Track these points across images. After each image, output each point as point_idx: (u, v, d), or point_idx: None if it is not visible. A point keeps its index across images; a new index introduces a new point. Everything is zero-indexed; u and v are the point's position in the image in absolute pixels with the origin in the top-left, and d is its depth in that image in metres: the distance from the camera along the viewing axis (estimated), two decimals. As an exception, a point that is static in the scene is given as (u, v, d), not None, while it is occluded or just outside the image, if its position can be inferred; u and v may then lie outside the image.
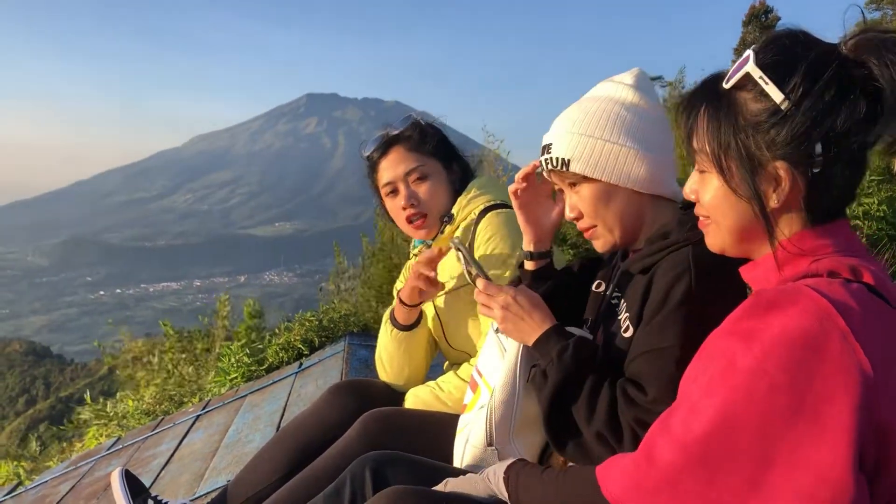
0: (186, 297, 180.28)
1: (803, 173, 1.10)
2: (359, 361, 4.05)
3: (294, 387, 4.05)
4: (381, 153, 2.34)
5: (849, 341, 0.94)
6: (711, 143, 1.16)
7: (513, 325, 1.56)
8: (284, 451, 2.23)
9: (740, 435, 0.96)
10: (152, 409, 5.86)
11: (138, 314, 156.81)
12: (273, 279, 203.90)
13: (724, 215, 1.19)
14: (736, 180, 1.15)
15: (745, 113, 1.12)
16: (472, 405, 1.73)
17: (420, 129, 2.34)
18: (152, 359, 6.74)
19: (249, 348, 5.10)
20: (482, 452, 1.62)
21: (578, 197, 1.60)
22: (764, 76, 1.09)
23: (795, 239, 1.14)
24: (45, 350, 65.58)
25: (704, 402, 1.00)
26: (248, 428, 3.66)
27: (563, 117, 1.62)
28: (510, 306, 1.56)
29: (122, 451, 4.39)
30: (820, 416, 0.93)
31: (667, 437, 1.05)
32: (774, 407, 0.94)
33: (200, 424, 4.19)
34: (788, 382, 0.94)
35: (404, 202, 2.28)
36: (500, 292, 1.58)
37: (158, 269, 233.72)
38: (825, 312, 0.96)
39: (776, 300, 1.00)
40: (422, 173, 2.29)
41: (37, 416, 42.13)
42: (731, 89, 1.15)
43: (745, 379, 0.97)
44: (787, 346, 0.95)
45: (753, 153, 1.11)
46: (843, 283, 1.02)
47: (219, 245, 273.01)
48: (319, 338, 4.89)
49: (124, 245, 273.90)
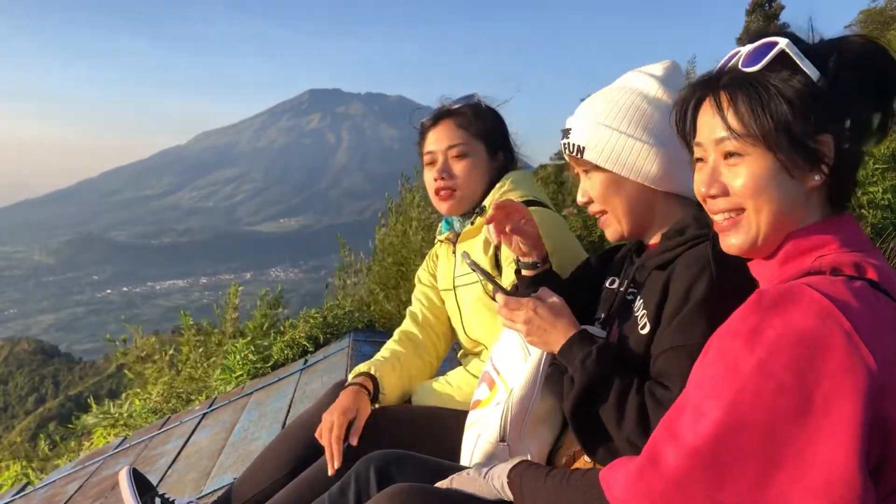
0: (193, 294, 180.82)
1: (838, 148, 1.11)
2: (363, 358, 4.03)
3: (299, 384, 4.06)
4: (432, 124, 2.32)
5: (853, 339, 0.93)
6: (760, 122, 1.13)
7: (538, 337, 1.56)
8: (289, 449, 2.23)
9: (748, 436, 0.96)
10: (160, 407, 5.89)
11: (145, 312, 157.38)
12: (279, 275, 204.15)
13: (767, 200, 1.15)
14: (786, 157, 1.13)
15: (784, 91, 1.12)
16: (488, 402, 1.72)
17: (474, 109, 2.31)
18: (163, 356, 6.75)
19: (255, 346, 5.11)
20: (494, 448, 1.62)
21: (591, 183, 1.62)
22: (801, 53, 1.11)
23: (799, 234, 1.15)
24: (53, 349, 65.95)
25: (709, 403, 1.00)
26: (253, 426, 3.67)
27: (587, 103, 1.63)
28: (532, 319, 1.55)
29: (129, 449, 4.41)
30: (828, 415, 0.92)
31: (672, 441, 1.04)
32: (781, 407, 0.94)
33: (207, 422, 4.20)
34: (794, 382, 0.94)
35: (436, 174, 2.27)
36: (520, 307, 1.57)
37: (164, 267, 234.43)
38: (827, 311, 0.95)
39: (778, 300, 1.00)
40: (461, 151, 2.26)
41: (46, 415, 42.41)
42: (761, 72, 1.14)
43: (750, 380, 0.96)
44: (792, 346, 0.95)
45: (798, 129, 1.11)
46: (845, 281, 1.02)
47: (224, 242, 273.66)
48: (324, 335, 4.91)
49: (130, 243, 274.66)
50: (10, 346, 62.76)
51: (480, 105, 2.33)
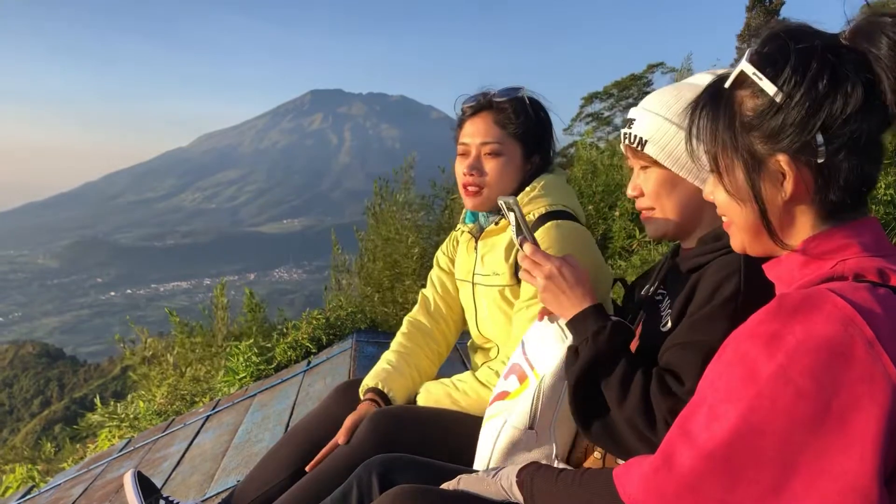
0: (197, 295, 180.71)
1: (807, 164, 1.09)
2: (366, 358, 4.06)
3: (303, 385, 4.06)
4: (472, 114, 2.23)
5: (874, 348, 0.92)
6: (710, 143, 1.16)
7: (552, 296, 1.56)
8: (293, 451, 2.23)
9: (764, 442, 0.95)
10: (164, 409, 5.90)
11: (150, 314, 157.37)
12: (282, 276, 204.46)
13: (737, 215, 1.19)
14: (733, 180, 1.15)
15: (743, 110, 1.12)
16: (518, 393, 1.69)
17: (516, 106, 2.21)
18: (168, 357, 6.76)
19: (258, 347, 5.12)
20: (521, 434, 1.61)
21: (645, 177, 1.62)
22: (757, 72, 1.09)
23: (822, 236, 1.13)
24: (58, 352, 66.01)
25: (726, 406, 0.99)
26: (257, 427, 3.68)
27: (655, 96, 1.62)
28: (554, 277, 1.55)
29: (133, 452, 4.42)
30: (846, 425, 0.91)
31: (687, 443, 1.03)
32: (799, 414, 0.93)
33: (210, 424, 4.21)
34: (813, 390, 0.93)
35: (466, 169, 2.21)
36: (546, 261, 1.57)
37: (168, 269, 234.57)
38: (850, 318, 0.94)
39: (800, 305, 0.98)
40: (495, 150, 2.19)
41: (52, 418, 42.43)
42: (731, 89, 1.15)
43: (768, 385, 0.95)
44: (812, 352, 0.94)
45: (754, 150, 1.11)
46: (868, 288, 1.00)
47: (228, 243, 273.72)
48: (327, 335, 4.92)
49: (134, 245, 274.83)
50: (14, 349, 62.81)
51: (524, 101, 2.22)
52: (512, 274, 2.17)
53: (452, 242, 2.53)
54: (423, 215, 6.01)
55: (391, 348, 2.44)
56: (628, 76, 32.63)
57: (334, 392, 2.36)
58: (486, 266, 2.25)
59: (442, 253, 2.55)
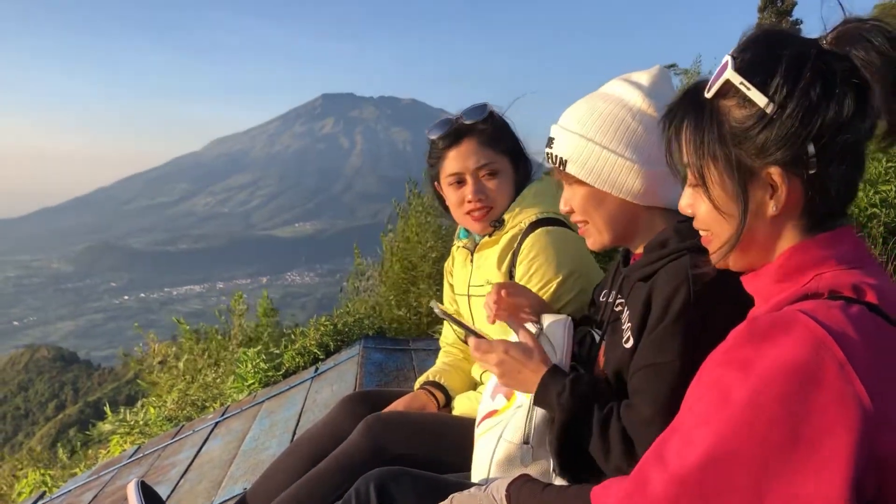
0: (210, 299, 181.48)
1: (799, 176, 1.07)
2: (373, 365, 4.07)
3: (310, 392, 4.07)
4: (452, 143, 2.23)
5: (846, 372, 0.91)
6: (694, 154, 1.13)
7: (512, 378, 1.58)
8: (297, 462, 2.24)
9: (736, 468, 0.95)
10: (175, 415, 5.92)
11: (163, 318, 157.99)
12: (295, 279, 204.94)
13: (722, 229, 1.16)
14: (721, 194, 1.12)
15: (729, 121, 1.09)
16: (505, 409, 1.70)
17: (495, 124, 2.25)
18: (177, 363, 6.78)
19: (266, 353, 5.13)
20: (517, 449, 1.61)
21: (572, 193, 1.63)
22: (745, 81, 1.06)
23: (798, 249, 1.11)
24: (72, 356, 66.48)
25: (699, 432, 0.98)
26: (264, 435, 3.69)
27: (571, 113, 1.61)
28: (505, 361, 1.56)
29: (142, 459, 4.44)
30: (817, 450, 0.91)
31: (660, 467, 1.02)
32: (771, 441, 0.92)
33: (219, 432, 4.23)
34: (785, 416, 0.92)
35: (472, 196, 2.21)
36: (491, 349, 1.58)
37: (181, 273, 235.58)
38: (821, 342, 0.93)
39: (770, 329, 0.98)
40: (492, 170, 2.21)
41: (66, 421, 42.72)
42: (714, 98, 1.11)
43: (740, 411, 0.95)
44: (783, 377, 0.93)
45: (744, 162, 1.08)
46: (841, 308, 0.98)
47: (240, 247, 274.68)
48: (335, 342, 4.92)
49: (147, 250, 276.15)
50: (30, 353, 63.27)
51: (496, 117, 2.27)
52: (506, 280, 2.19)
53: (450, 262, 2.55)
54: (437, 218, 6.03)
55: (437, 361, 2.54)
56: (639, 78, 32.53)
57: (340, 404, 2.37)
58: (480, 277, 2.27)
59: (447, 285, 2.58)
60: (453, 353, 2.53)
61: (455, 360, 2.49)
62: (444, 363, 2.47)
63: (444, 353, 2.55)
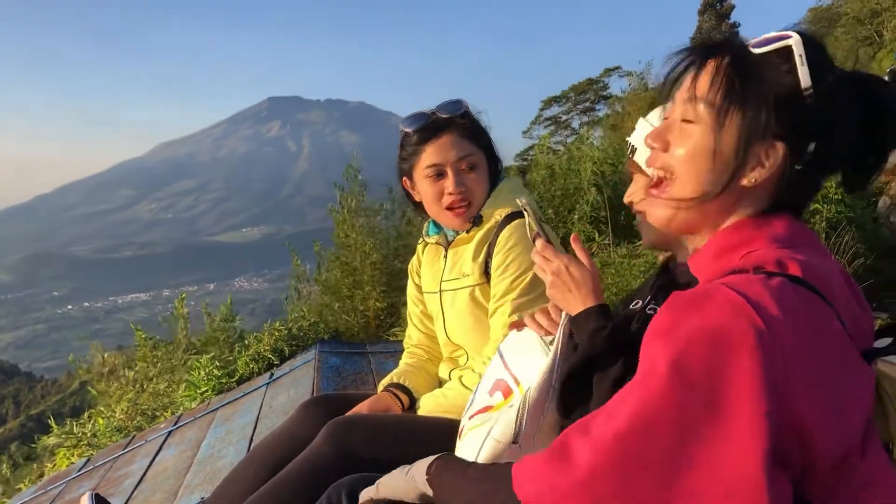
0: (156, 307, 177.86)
1: (788, 164, 1.10)
2: (330, 370, 4.03)
3: (265, 398, 4.02)
4: (430, 136, 2.22)
5: (764, 340, 0.92)
6: (726, 95, 1.12)
7: (559, 292, 1.56)
8: (257, 470, 2.18)
9: (655, 434, 0.95)
10: (124, 425, 5.79)
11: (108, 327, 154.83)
12: (243, 285, 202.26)
13: (695, 175, 1.15)
14: (727, 140, 1.11)
15: (770, 82, 1.10)
16: (501, 406, 1.66)
17: (472, 119, 2.26)
18: (127, 372, 6.63)
19: (220, 360, 5.05)
20: (505, 448, 1.57)
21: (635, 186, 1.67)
22: (803, 55, 1.08)
23: (734, 227, 1.14)
24: (13, 368, 64.62)
25: (623, 402, 1.00)
26: (220, 442, 3.63)
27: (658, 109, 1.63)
28: (561, 274, 1.56)
29: (93, 471, 4.33)
30: (735, 414, 0.91)
31: (583, 436, 1.02)
32: (688, 404, 0.93)
33: (172, 440, 4.14)
34: (703, 381, 0.93)
35: (452, 188, 2.20)
36: (555, 258, 1.58)
37: (126, 281, 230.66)
38: (742, 310, 0.94)
39: (693, 299, 0.99)
40: (471, 163, 2.22)
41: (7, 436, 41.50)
42: (761, 55, 1.12)
43: (660, 378, 0.95)
44: (701, 343, 0.94)
45: (762, 122, 1.09)
46: (762, 280, 0.99)
47: (186, 253, 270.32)
48: (290, 347, 4.87)
49: (90, 258, 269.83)
50: (-32, 367, 61.29)
51: (472, 113, 2.28)
52: (482, 273, 2.19)
53: (416, 262, 2.53)
54: (379, 220, 5.99)
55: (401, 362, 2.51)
56: (585, 80, 32.96)
57: (300, 409, 2.32)
58: (454, 271, 2.27)
59: (411, 286, 2.56)
60: (417, 353, 2.51)
61: (419, 361, 2.47)
62: (407, 364, 2.45)
63: (407, 355, 2.53)
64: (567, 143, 11.68)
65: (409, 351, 2.55)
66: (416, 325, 2.55)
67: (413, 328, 2.57)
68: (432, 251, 2.42)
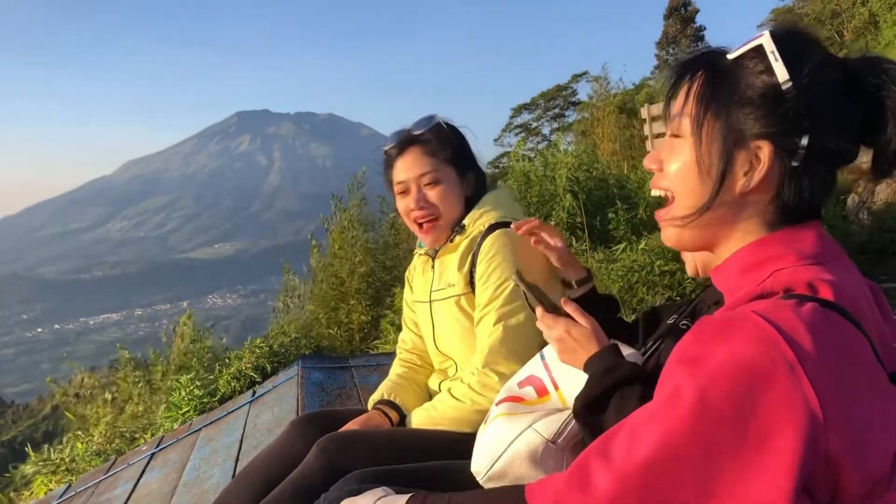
0: (128, 327, 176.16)
1: (782, 162, 1.07)
2: (314, 385, 4.00)
3: (249, 416, 3.98)
4: (399, 152, 2.29)
5: (795, 372, 0.89)
6: (698, 106, 1.11)
7: (569, 356, 1.57)
8: (249, 490, 2.15)
9: (682, 466, 0.93)
10: (104, 449, 5.70)
11: (80, 349, 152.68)
12: (216, 302, 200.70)
13: (689, 190, 1.14)
14: (708, 149, 1.11)
15: (743, 85, 1.09)
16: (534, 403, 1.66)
17: (439, 133, 2.28)
18: (105, 395, 6.55)
19: (200, 380, 5.00)
20: (543, 445, 1.57)
21: None
22: (776, 51, 1.06)
23: (759, 244, 1.11)
24: (-18, 394, 63.34)
25: (646, 429, 0.97)
26: (205, 463, 3.59)
27: None
28: (565, 340, 1.57)
29: (74, 497, 4.25)
30: (763, 449, 0.89)
31: (604, 463, 1.00)
32: (717, 439, 0.91)
33: (156, 463, 4.08)
34: (732, 414, 0.91)
35: (413, 204, 2.26)
36: (555, 325, 1.59)
37: (97, 301, 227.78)
38: (771, 341, 0.91)
39: (722, 328, 0.97)
40: (433, 178, 2.24)
41: (-21, 464, 40.65)
42: (735, 60, 1.11)
43: (688, 408, 0.93)
44: (732, 375, 0.92)
45: (740, 126, 1.08)
46: (792, 306, 0.96)
47: (158, 272, 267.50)
48: (271, 364, 4.83)
49: (59, 279, 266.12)
50: (-64, 394, 60.05)
51: (443, 127, 2.31)
52: (466, 282, 2.20)
53: (411, 270, 2.55)
54: (365, 232, 5.99)
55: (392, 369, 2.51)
56: (554, 87, 33.19)
57: (290, 427, 2.30)
58: (441, 281, 2.28)
59: (408, 291, 2.57)
60: (410, 360, 2.51)
61: (409, 371, 2.47)
62: (397, 377, 2.43)
63: (398, 363, 2.52)
64: (540, 150, 11.76)
65: (402, 358, 2.54)
66: (410, 329, 2.56)
67: (407, 331, 2.57)
68: (423, 261, 2.44)
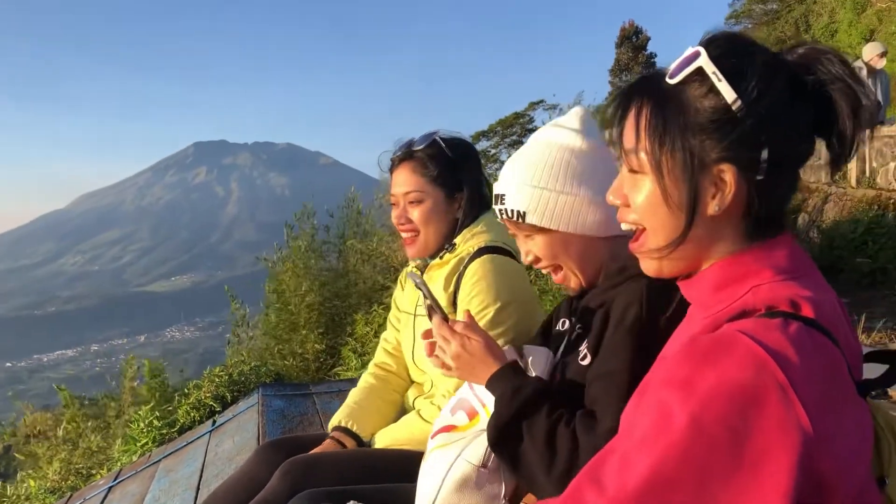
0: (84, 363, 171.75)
1: (747, 179, 1.06)
2: (275, 413, 3.97)
3: (210, 446, 3.93)
4: (394, 166, 2.34)
5: (787, 395, 0.90)
6: (652, 140, 1.09)
7: (466, 373, 1.59)
8: None
9: (676, 492, 0.92)
10: (58, 486, 5.57)
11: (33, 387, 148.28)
12: (175, 335, 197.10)
13: (661, 224, 1.13)
14: (672, 183, 1.09)
15: (692, 110, 1.07)
16: (466, 428, 1.69)
17: (430, 153, 2.27)
18: (57, 432, 6.40)
19: (159, 411, 4.93)
20: (474, 471, 1.59)
21: (535, 244, 1.67)
22: (717, 72, 1.05)
23: (733, 259, 1.11)
24: (-70, 436, 61.16)
25: (638, 455, 0.96)
26: (165, 495, 3.53)
27: (514, 167, 1.66)
28: (461, 356, 1.58)
29: (29, 535, 4.15)
30: (757, 473, 0.89)
31: (596, 490, 0.99)
32: (710, 463, 0.91)
33: (113, 497, 4.01)
34: (725, 438, 0.90)
35: (395, 219, 2.33)
36: (451, 338, 1.60)
37: (51, 338, 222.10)
38: (762, 364, 0.92)
39: (712, 349, 0.96)
40: (416, 198, 2.26)
41: (-73, 509, 39.13)
42: (677, 86, 1.09)
43: (680, 434, 0.92)
44: (724, 400, 0.91)
45: (698, 153, 1.06)
46: (780, 327, 0.96)
47: (114, 306, 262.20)
48: (231, 392, 4.79)
49: (11, 315, 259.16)
50: None
51: (439, 146, 2.29)
52: (450, 303, 2.22)
53: (401, 280, 2.60)
54: (313, 262, 5.96)
55: (357, 386, 2.51)
56: (511, 114, 33.47)
57: (255, 454, 2.31)
58: None
59: (393, 306, 2.62)
60: (386, 365, 2.54)
61: (379, 382, 2.48)
62: (355, 402, 2.43)
63: (369, 374, 2.53)
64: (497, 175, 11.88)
65: (378, 363, 2.57)
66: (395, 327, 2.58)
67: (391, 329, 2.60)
68: None
